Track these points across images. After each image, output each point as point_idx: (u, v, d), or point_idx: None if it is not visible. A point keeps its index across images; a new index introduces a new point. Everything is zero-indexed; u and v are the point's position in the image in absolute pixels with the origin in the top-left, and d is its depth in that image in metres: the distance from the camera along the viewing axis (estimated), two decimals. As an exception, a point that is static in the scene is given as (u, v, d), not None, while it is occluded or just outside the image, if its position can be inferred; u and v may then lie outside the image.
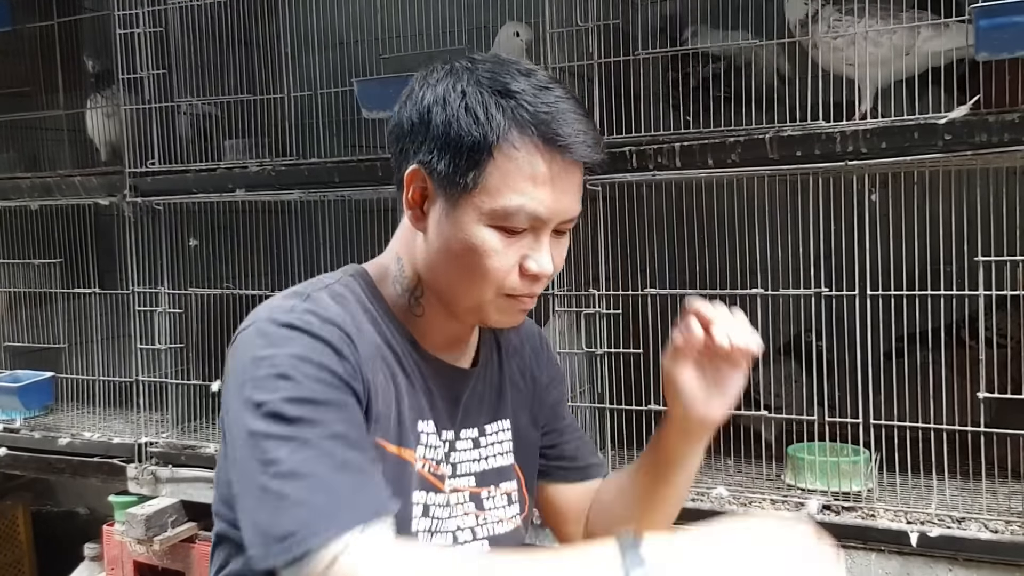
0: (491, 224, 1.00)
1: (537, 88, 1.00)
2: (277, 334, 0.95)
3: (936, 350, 1.93)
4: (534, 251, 1.02)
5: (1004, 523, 1.61)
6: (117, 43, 2.36)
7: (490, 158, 0.98)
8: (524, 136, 0.98)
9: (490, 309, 1.05)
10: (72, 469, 2.52)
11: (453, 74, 1.02)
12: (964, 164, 1.65)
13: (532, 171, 0.98)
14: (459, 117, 0.99)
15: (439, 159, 1.00)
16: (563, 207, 1.01)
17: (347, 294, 1.05)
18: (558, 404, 1.29)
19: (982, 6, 1.54)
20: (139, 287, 2.39)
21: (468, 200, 0.99)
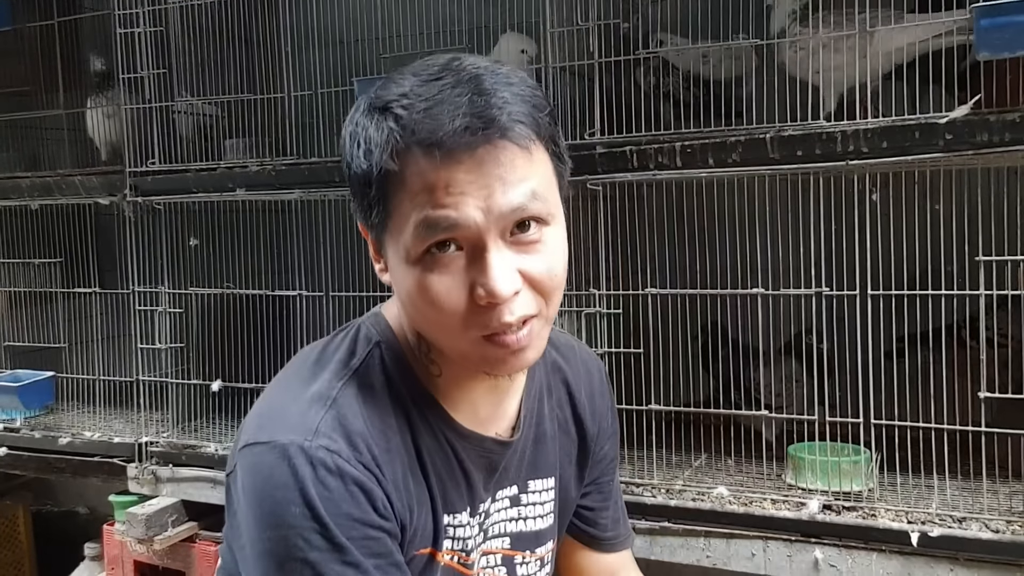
0: (416, 256, 0.86)
1: (420, 86, 0.86)
2: (307, 472, 0.85)
3: (937, 350, 1.93)
4: (480, 275, 0.85)
5: (1005, 523, 1.61)
6: (117, 42, 2.36)
7: (387, 188, 0.86)
8: (403, 152, 0.85)
9: (474, 357, 0.91)
10: (72, 469, 2.51)
11: (357, 104, 0.92)
12: (965, 164, 1.65)
13: (424, 183, 0.84)
14: (352, 154, 0.89)
15: (356, 205, 0.92)
16: (489, 204, 0.84)
17: (374, 382, 0.95)
18: (609, 462, 1.18)
19: (983, 5, 1.53)
20: (139, 287, 2.38)
21: (389, 240, 0.89)
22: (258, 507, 0.86)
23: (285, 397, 0.93)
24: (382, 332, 0.99)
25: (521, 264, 0.87)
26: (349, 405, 0.91)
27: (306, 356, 1.00)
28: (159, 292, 2.38)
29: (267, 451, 0.87)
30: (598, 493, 1.19)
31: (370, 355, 0.97)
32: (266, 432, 0.89)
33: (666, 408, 1.90)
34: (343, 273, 2.23)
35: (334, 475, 0.86)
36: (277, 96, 2.30)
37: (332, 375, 0.94)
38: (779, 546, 1.72)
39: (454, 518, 0.99)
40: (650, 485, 1.87)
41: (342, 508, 0.85)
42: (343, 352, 0.98)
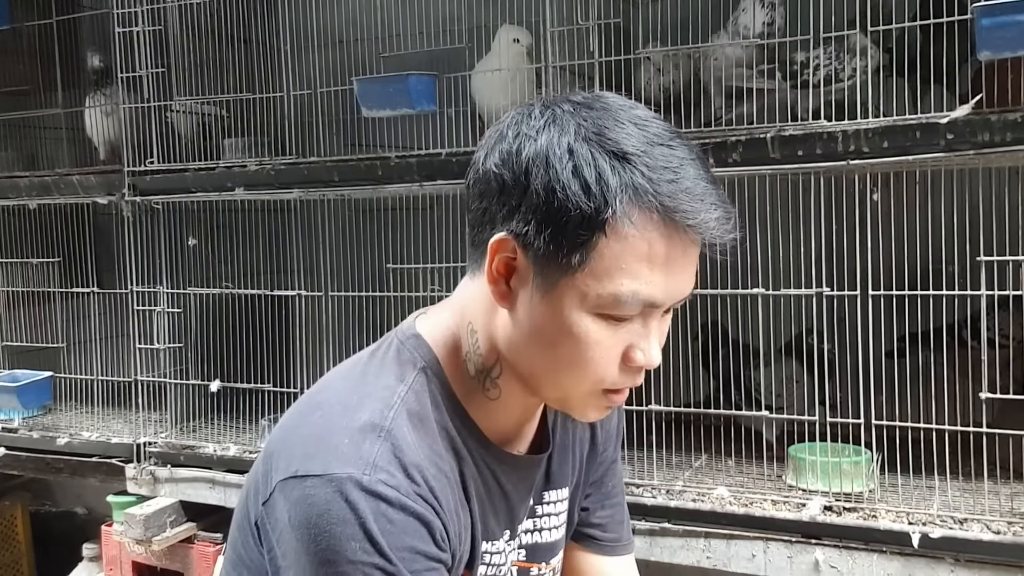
0: (596, 311, 0.85)
1: (654, 146, 0.84)
2: (367, 506, 0.83)
3: (938, 350, 1.93)
4: (642, 339, 0.88)
5: (1006, 524, 1.61)
6: (116, 42, 2.35)
7: (601, 236, 0.82)
8: (643, 212, 0.82)
9: (578, 403, 0.93)
10: (71, 469, 2.51)
11: (556, 124, 0.86)
12: (966, 163, 1.64)
13: (649, 252, 0.83)
14: (566, 185, 0.82)
15: (537, 232, 0.84)
16: (679, 288, 0.87)
17: (422, 409, 0.93)
18: (611, 463, 1.17)
19: (984, 5, 1.53)
20: (138, 286, 2.38)
21: (570, 282, 0.85)
22: (313, 543, 0.84)
23: (331, 425, 0.90)
24: (425, 356, 0.97)
25: (661, 334, 0.92)
26: (403, 436, 0.89)
27: (344, 379, 0.98)
28: (157, 292, 2.38)
29: (322, 484, 0.85)
30: (599, 493, 1.17)
31: (416, 381, 0.94)
32: (317, 463, 0.86)
33: (666, 408, 1.89)
34: (342, 273, 2.22)
35: (395, 509, 0.85)
36: (276, 95, 2.30)
37: (381, 403, 0.91)
38: (780, 547, 1.72)
39: (492, 545, 0.99)
40: (650, 486, 1.87)
41: (405, 542, 0.85)
42: (388, 377, 0.95)
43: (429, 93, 2.06)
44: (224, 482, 2.27)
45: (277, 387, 2.26)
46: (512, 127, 0.89)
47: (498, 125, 0.92)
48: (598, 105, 0.87)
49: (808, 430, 1.82)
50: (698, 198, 0.83)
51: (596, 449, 1.13)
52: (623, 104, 0.88)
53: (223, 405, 2.46)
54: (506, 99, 2.09)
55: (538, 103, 0.90)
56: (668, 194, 0.82)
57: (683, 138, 0.87)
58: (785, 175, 1.74)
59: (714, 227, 0.84)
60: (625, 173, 0.82)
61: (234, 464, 2.25)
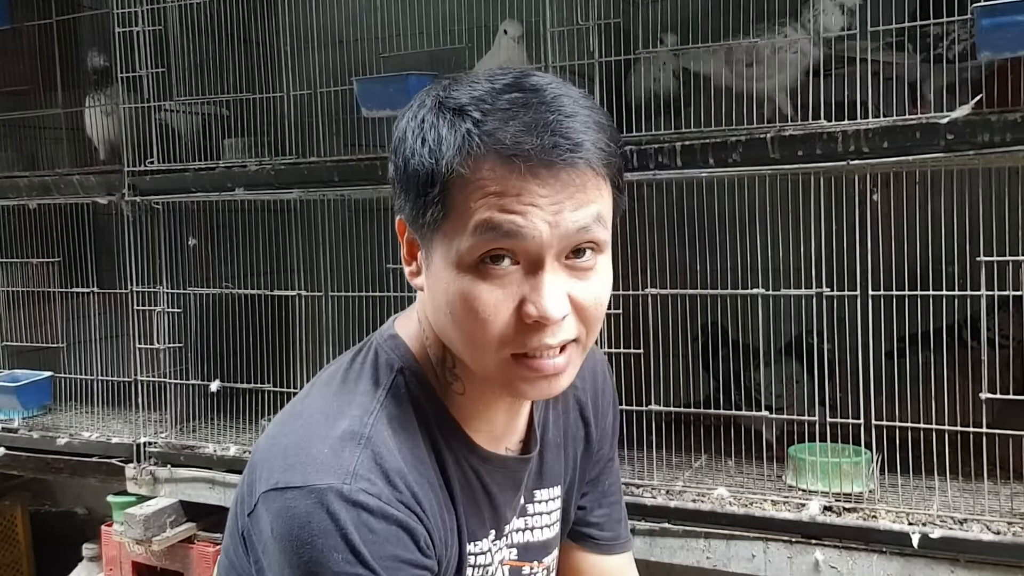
0: (469, 263, 0.84)
1: (500, 96, 0.84)
2: (348, 516, 0.82)
3: (938, 350, 1.92)
4: (532, 291, 0.84)
5: (1006, 524, 1.61)
6: (116, 41, 2.35)
7: (450, 188, 0.83)
8: (479, 154, 0.82)
9: (502, 377, 0.89)
10: (70, 469, 2.51)
11: (420, 101, 0.90)
12: (966, 164, 1.64)
13: (496, 186, 0.82)
14: (414, 151, 0.86)
15: (406, 201, 0.88)
16: (558, 219, 0.83)
17: (401, 413, 0.92)
18: (607, 461, 1.16)
19: (984, 5, 1.53)
20: (138, 286, 2.38)
21: (441, 241, 0.85)
22: (295, 555, 0.83)
23: (311, 434, 0.89)
24: (402, 356, 0.96)
25: (572, 289, 0.86)
26: (383, 442, 0.87)
27: (325, 386, 0.96)
28: (157, 292, 2.37)
29: (302, 496, 0.83)
30: (595, 491, 1.16)
31: (395, 384, 0.93)
32: (298, 475, 0.85)
33: (666, 409, 1.89)
34: (342, 273, 2.22)
35: (377, 518, 0.83)
36: (276, 95, 2.30)
37: (361, 410, 0.90)
38: (779, 547, 1.72)
39: (475, 546, 0.98)
40: (650, 486, 1.87)
41: (388, 551, 0.83)
42: (366, 382, 0.94)
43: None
44: (224, 482, 2.27)
45: (277, 387, 2.26)
46: (400, 115, 0.93)
47: None
48: (471, 75, 0.90)
49: (808, 430, 1.82)
50: (524, 128, 0.82)
51: (591, 447, 1.12)
52: (497, 71, 0.89)
53: (223, 405, 2.46)
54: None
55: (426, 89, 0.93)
56: (498, 134, 0.82)
57: (542, 87, 0.86)
58: (785, 175, 1.74)
59: (542, 152, 0.81)
60: (462, 124, 0.83)
61: (234, 464, 2.25)
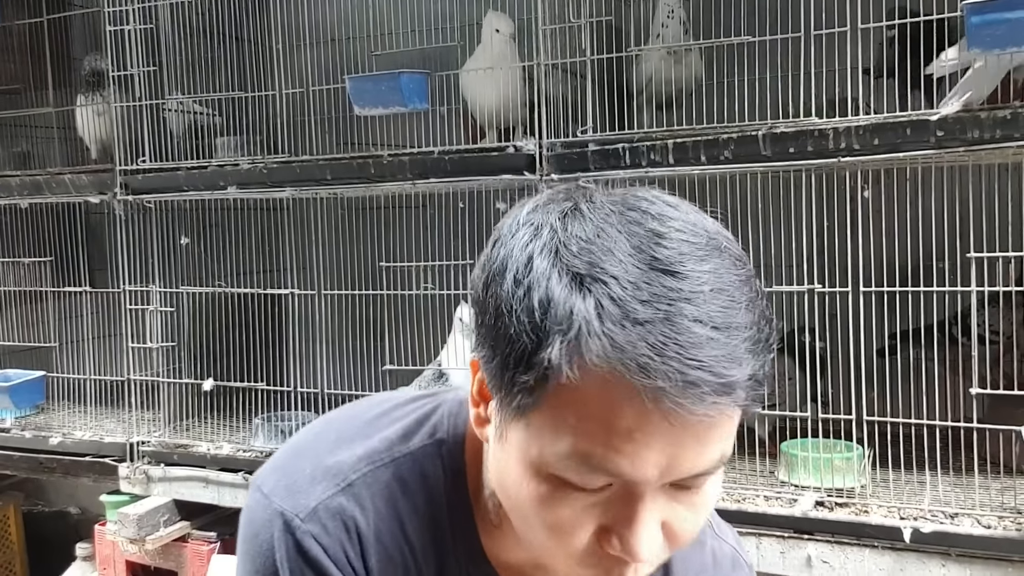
0: (549, 472, 0.66)
1: (645, 270, 0.62)
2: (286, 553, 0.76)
3: (928, 346, 1.93)
4: (620, 523, 0.66)
5: (997, 518, 1.62)
6: (107, 40, 2.35)
7: (547, 381, 0.63)
8: (594, 364, 0.61)
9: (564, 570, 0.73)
10: (63, 469, 2.50)
11: (534, 225, 0.66)
12: (956, 160, 1.65)
13: (607, 413, 0.62)
14: (512, 305, 0.64)
15: (489, 359, 0.67)
16: (672, 465, 0.64)
17: (415, 482, 0.80)
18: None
19: (974, 3, 1.54)
20: (130, 285, 2.37)
21: (522, 428, 0.66)
22: (243, 556, 0.81)
23: (311, 448, 0.83)
24: (452, 435, 0.82)
25: (670, 515, 0.68)
26: (363, 498, 0.78)
27: (366, 409, 0.87)
28: (150, 291, 2.37)
29: (263, 504, 0.80)
30: None
31: (423, 451, 0.81)
32: (272, 480, 0.81)
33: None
34: (335, 271, 2.22)
35: (311, 568, 0.77)
36: (268, 94, 2.30)
37: (367, 453, 0.80)
38: (772, 542, 1.72)
39: None
40: (643, 482, 1.87)
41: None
42: (397, 428, 0.82)
43: (421, 91, 2.06)
44: (218, 481, 2.27)
45: (270, 386, 2.26)
46: (508, 220, 0.70)
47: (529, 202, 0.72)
48: (611, 206, 0.66)
49: (800, 426, 1.82)
50: (674, 353, 0.60)
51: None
52: (645, 207, 0.66)
53: (216, 404, 2.46)
54: (496, 93, 2.09)
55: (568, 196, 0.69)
56: (629, 353, 0.60)
57: (718, 258, 0.64)
58: (776, 172, 1.75)
59: (681, 394, 0.60)
60: (580, 304, 0.61)
61: (227, 463, 2.25)
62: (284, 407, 2.28)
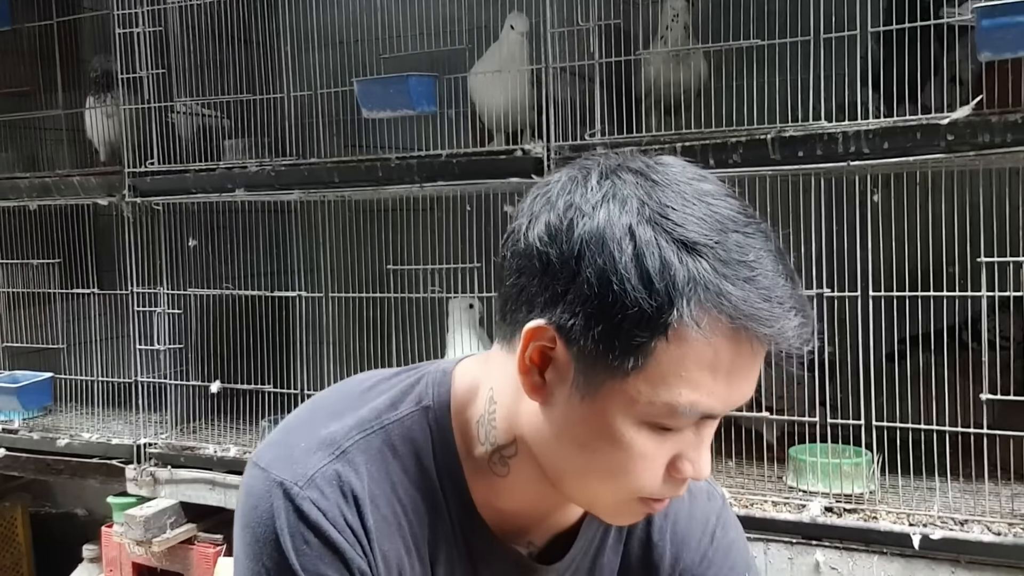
0: (646, 420, 0.75)
1: (728, 233, 0.72)
2: (287, 519, 0.81)
3: (938, 351, 1.92)
4: (692, 449, 0.77)
5: (1007, 525, 1.61)
6: (116, 43, 2.35)
7: (662, 339, 0.71)
8: (712, 315, 0.70)
9: (610, 507, 0.82)
10: (71, 470, 2.51)
11: (616, 198, 0.73)
12: (967, 164, 1.64)
13: (714, 360, 0.72)
14: (625, 277, 0.70)
15: (586, 327, 0.72)
16: (740, 397, 0.76)
17: (405, 447, 0.85)
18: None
19: (985, 6, 1.53)
20: (138, 287, 2.38)
21: (618, 386, 0.73)
22: (242, 530, 0.85)
23: (304, 423, 0.88)
24: (439, 398, 0.87)
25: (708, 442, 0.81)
26: (357, 463, 0.83)
27: (354, 385, 0.92)
28: (158, 293, 2.38)
29: (261, 478, 0.84)
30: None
31: (411, 417, 0.86)
32: (268, 456, 0.85)
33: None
34: (342, 274, 2.22)
35: (314, 532, 0.81)
36: (276, 96, 2.30)
37: (357, 422, 0.86)
38: (780, 548, 1.71)
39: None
40: (650, 487, 1.86)
41: (317, 567, 0.81)
42: (384, 400, 0.88)
43: (429, 94, 2.06)
44: (224, 483, 2.27)
45: (277, 388, 2.26)
46: (563, 195, 0.75)
47: (544, 189, 0.78)
48: (660, 176, 0.74)
49: (809, 431, 1.81)
50: (776, 302, 0.71)
51: None
52: (689, 175, 0.75)
53: (223, 406, 2.46)
54: (504, 96, 2.09)
55: (595, 168, 0.77)
56: (742, 296, 0.70)
57: (757, 220, 0.75)
58: (785, 176, 1.74)
59: (792, 336, 0.72)
60: (694, 267, 0.70)
61: (234, 465, 2.25)
62: (291, 409, 2.27)
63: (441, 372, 0.89)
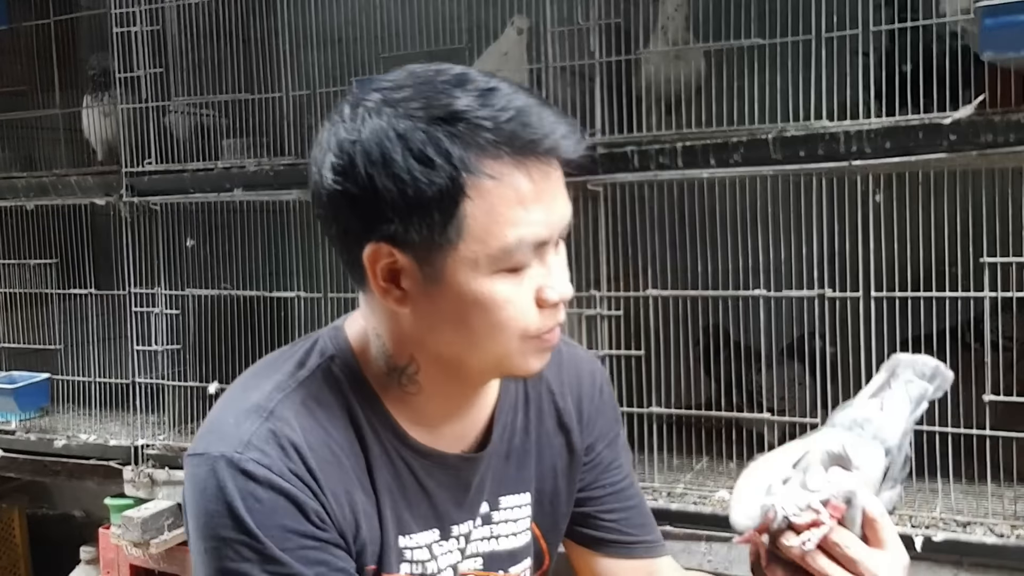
0: (493, 272, 0.85)
1: (481, 94, 0.83)
2: (235, 485, 0.85)
3: (941, 352, 1.91)
4: (546, 277, 0.88)
5: (1010, 527, 1.60)
6: (114, 42, 2.34)
7: (466, 200, 0.82)
8: (495, 159, 0.82)
9: (514, 360, 0.90)
10: (68, 471, 2.50)
11: (373, 116, 0.84)
12: (969, 164, 1.64)
13: (518, 195, 0.83)
14: (409, 170, 0.81)
15: (405, 227, 0.83)
16: (559, 217, 0.87)
17: (319, 394, 0.93)
18: (608, 466, 1.12)
19: (987, 5, 1.52)
20: (136, 288, 2.37)
21: (456, 256, 0.84)
22: (195, 519, 0.88)
23: (226, 407, 0.94)
24: (339, 347, 0.96)
25: (561, 266, 0.91)
26: (286, 417, 0.89)
27: (258, 366, 0.99)
28: (156, 293, 2.37)
29: (201, 463, 0.88)
30: (601, 495, 1.12)
31: (320, 368, 0.94)
32: (202, 443, 0.90)
33: (667, 411, 1.88)
34: (341, 274, 2.21)
35: (264, 487, 0.86)
36: (275, 96, 2.29)
37: (274, 386, 0.92)
38: (782, 550, 1.70)
39: (410, 539, 0.97)
40: (651, 488, 1.85)
41: (275, 520, 0.86)
42: (292, 363, 0.96)
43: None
44: (222, 485, 2.25)
45: (275, 389, 2.25)
46: (331, 138, 0.86)
47: (316, 146, 0.89)
48: (410, 82, 0.86)
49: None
50: (537, 118, 0.83)
51: (576, 456, 1.09)
52: (433, 70, 0.87)
53: (221, 407, 2.45)
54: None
55: (344, 107, 0.87)
56: (508, 130, 0.82)
57: (503, 78, 0.87)
58: (787, 176, 1.73)
59: (567, 143, 0.84)
60: (456, 130, 0.81)
61: (232, 466, 2.24)
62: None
63: (333, 328, 0.99)
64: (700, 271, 1.94)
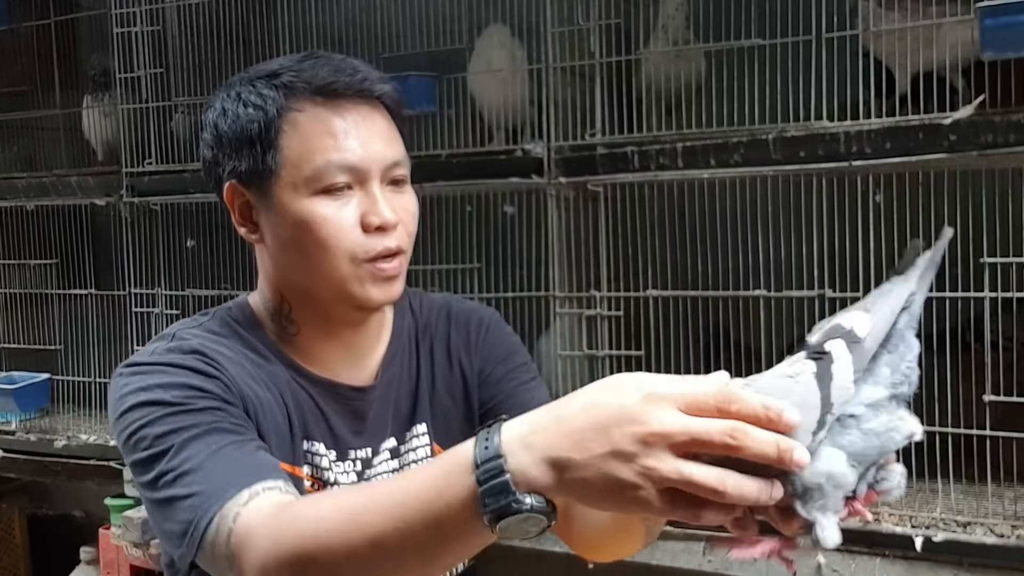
0: (312, 193, 0.99)
1: (299, 59, 1.02)
2: (137, 371, 0.97)
3: (941, 353, 1.91)
4: (370, 205, 1.00)
5: (1010, 527, 1.60)
6: (114, 42, 2.34)
7: (280, 132, 0.99)
8: (302, 97, 0.99)
9: (354, 284, 1.01)
10: (68, 472, 2.50)
11: (224, 87, 1.06)
12: (969, 164, 1.64)
13: (325, 126, 0.99)
14: (239, 115, 1.01)
15: (239, 161, 1.01)
16: (375, 152, 1.00)
17: (219, 328, 1.05)
18: (516, 389, 1.15)
19: (987, 5, 1.52)
20: (136, 288, 2.37)
21: (280, 183, 1.00)
22: (113, 422, 0.97)
23: (138, 356, 1.03)
24: (237, 304, 1.10)
25: (395, 204, 1.03)
26: (189, 338, 1.01)
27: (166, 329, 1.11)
28: (156, 294, 2.37)
29: (116, 380, 0.99)
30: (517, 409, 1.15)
31: (218, 314, 1.08)
32: (123, 380, 0.99)
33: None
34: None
35: (160, 365, 0.96)
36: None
37: (180, 327, 1.05)
38: (781, 551, 1.70)
39: (312, 445, 1.05)
40: (651, 489, 1.85)
41: (175, 379, 0.94)
42: (192, 319, 1.09)
43: (429, 94, 2.05)
44: (222, 485, 2.25)
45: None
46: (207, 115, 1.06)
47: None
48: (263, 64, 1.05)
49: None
50: (338, 64, 1.00)
51: (468, 381, 1.15)
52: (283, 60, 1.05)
53: (221, 407, 2.45)
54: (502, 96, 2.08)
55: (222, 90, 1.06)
56: (313, 73, 0.99)
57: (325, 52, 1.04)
58: (787, 176, 1.73)
59: (369, 84, 1.01)
60: (277, 82, 1.00)
61: (232, 467, 2.24)
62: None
63: (231, 300, 1.13)
64: (700, 271, 1.94)
